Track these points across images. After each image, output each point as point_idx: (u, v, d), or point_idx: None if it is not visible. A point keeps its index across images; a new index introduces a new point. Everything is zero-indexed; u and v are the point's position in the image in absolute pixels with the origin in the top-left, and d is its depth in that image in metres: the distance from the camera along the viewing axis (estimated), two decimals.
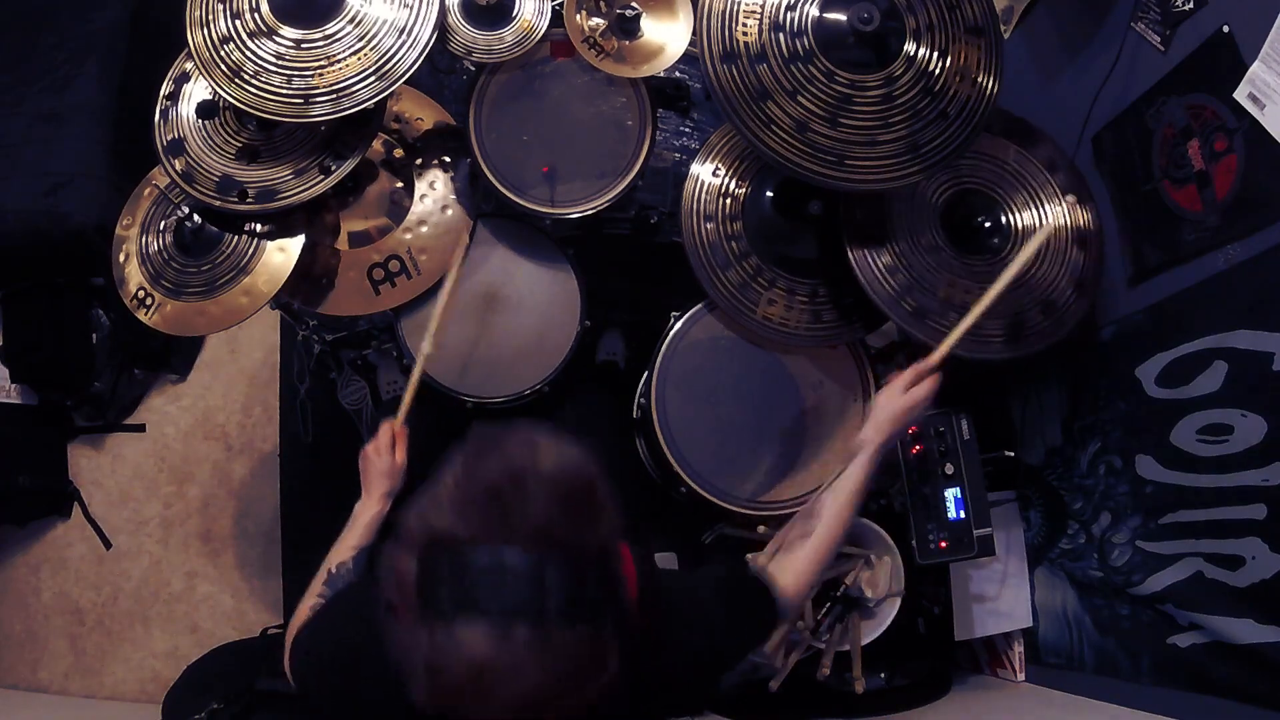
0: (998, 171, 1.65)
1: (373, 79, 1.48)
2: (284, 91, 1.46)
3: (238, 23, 1.48)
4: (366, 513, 1.38)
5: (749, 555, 1.57)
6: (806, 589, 1.25)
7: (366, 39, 1.49)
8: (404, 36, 1.50)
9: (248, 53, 1.47)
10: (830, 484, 1.33)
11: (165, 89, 1.61)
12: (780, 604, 1.16)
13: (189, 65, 1.59)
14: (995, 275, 1.62)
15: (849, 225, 1.57)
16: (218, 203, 1.54)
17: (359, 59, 1.48)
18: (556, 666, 0.74)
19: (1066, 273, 1.62)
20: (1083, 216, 1.65)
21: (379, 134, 1.71)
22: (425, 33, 1.50)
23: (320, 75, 1.47)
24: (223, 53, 1.47)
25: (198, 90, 1.60)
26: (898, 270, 1.56)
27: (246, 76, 1.46)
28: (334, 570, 1.30)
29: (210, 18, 1.48)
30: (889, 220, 1.58)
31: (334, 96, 1.47)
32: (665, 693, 1.01)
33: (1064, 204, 1.64)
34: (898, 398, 1.34)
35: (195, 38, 1.48)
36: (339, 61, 1.48)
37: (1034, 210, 1.64)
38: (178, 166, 1.56)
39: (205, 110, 1.58)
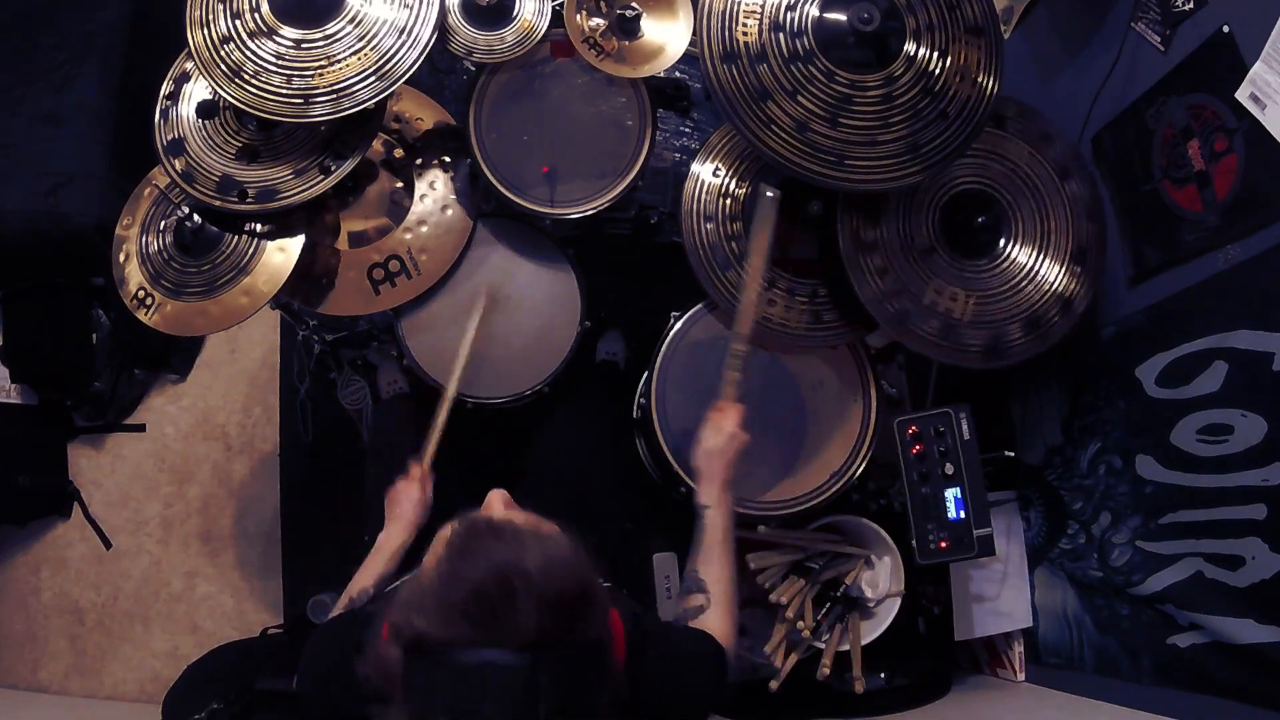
0: (1009, 175, 1.65)
1: (373, 79, 1.48)
2: (284, 91, 1.46)
3: (238, 23, 1.48)
4: (392, 542, 1.40)
5: None
6: (733, 638, 1.26)
7: (366, 39, 1.49)
8: (404, 36, 1.50)
9: (248, 53, 1.47)
10: (697, 554, 1.33)
11: (165, 89, 1.61)
12: (726, 653, 1.18)
13: (189, 65, 1.59)
14: (986, 281, 1.62)
15: (846, 221, 1.57)
16: (218, 203, 1.54)
17: (359, 59, 1.48)
18: None
19: (1056, 290, 1.62)
20: (1086, 233, 1.64)
21: (379, 134, 1.71)
22: (425, 33, 1.50)
23: (320, 75, 1.47)
24: (223, 53, 1.47)
25: (198, 90, 1.60)
26: (887, 271, 1.56)
27: (246, 76, 1.46)
28: (355, 596, 1.31)
29: (210, 18, 1.48)
30: (886, 218, 1.58)
31: (334, 96, 1.47)
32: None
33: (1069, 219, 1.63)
34: (712, 442, 1.36)
35: (195, 38, 1.48)
36: (339, 61, 1.48)
37: (1039, 222, 1.64)
38: (178, 166, 1.56)
39: (205, 110, 1.58)
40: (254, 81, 1.46)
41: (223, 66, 1.46)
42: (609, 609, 0.81)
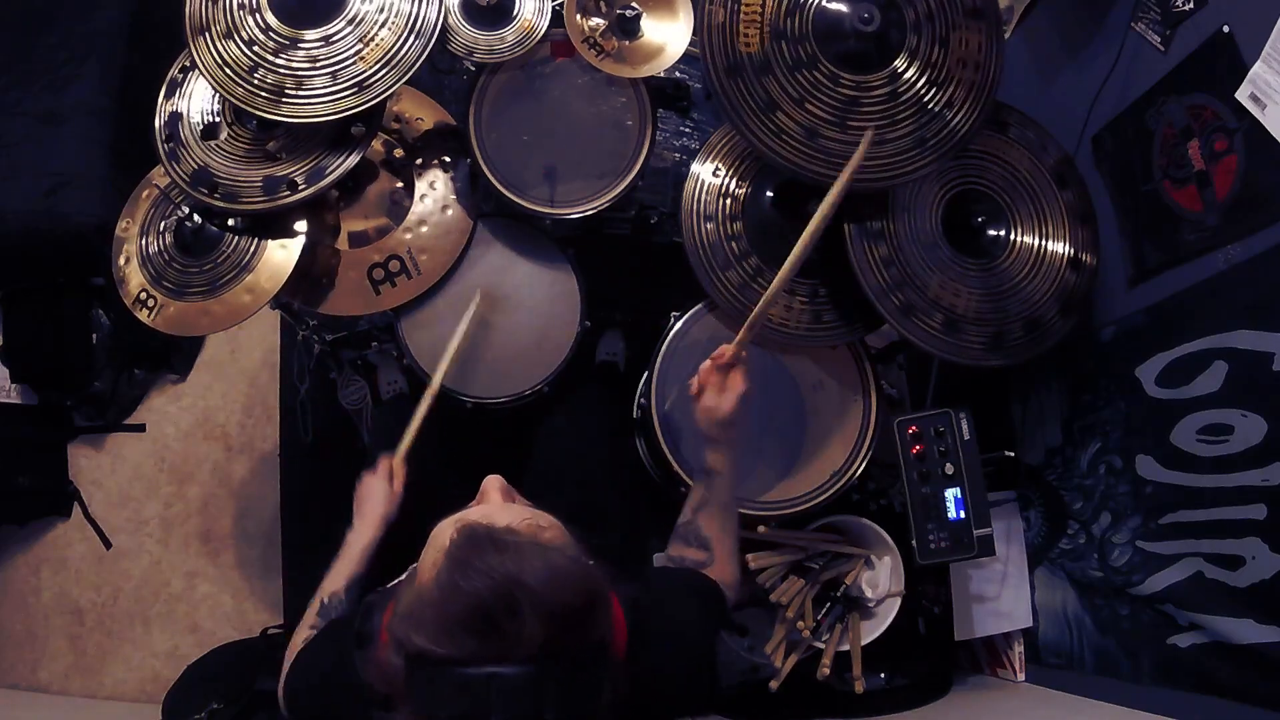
0: (1009, 179, 1.65)
1: (412, 38, 1.47)
2: (336, 88, 1.46)
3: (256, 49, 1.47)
4: (360, 540, 1.38)
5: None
6: (736, 580, 1.29)
7: (387, 8, 1.49)
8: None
9: (282, 71, 1.46)
10: (698, 506, 1.33)
11: (160, 135, 1.58)
12: (722, 587, 1.19)
13: (168, 111, 1.59)
14: (983, 281, 1.62)
15: (853, 213, 1.57)
16: (271, 204, 1.52)
17: (389, 30, 1.48)
18: None
19: (1055, 293, 1.62)
20: (1081, 238, 1.65)
21: (379, 134, 1.71)
22: None
23: (362, 59, 1.46)
24: (256, 81, 1.45)
25: (193, 123, 1.59)
26: (892, 263, 1.56)
27: (290, 92, 1.45)
28: (326, 600, 1.29)
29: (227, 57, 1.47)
30: (891, 211, 1.58)
31: (389, 68, 1.46)
32: (664, 705, 1.01)
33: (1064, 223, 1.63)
34: (716, 408, 1.32)
35: (234, 93, 1.46)
36: (372, 40, 1.47)
37: (1036, 225, 1.64)
38: (218, 194, 1.53)
39: (208, 132, 1.57)
40: (301, 94, 1.45)
41: (263, 94, 1.45)
42: (611, 609, 0.80)
